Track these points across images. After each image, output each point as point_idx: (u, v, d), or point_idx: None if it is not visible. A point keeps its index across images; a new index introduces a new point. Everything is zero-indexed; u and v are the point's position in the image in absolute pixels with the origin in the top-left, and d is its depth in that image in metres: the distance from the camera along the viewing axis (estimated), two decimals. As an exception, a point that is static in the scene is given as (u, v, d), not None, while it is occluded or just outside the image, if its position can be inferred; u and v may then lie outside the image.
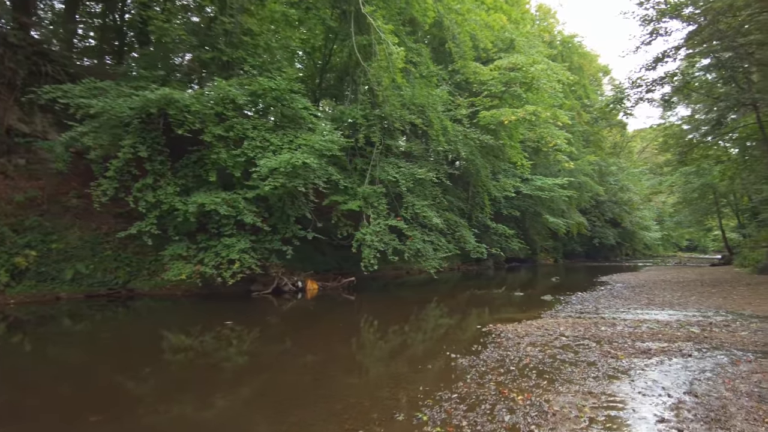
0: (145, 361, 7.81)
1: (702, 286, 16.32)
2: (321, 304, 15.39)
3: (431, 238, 17.86)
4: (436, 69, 17.30)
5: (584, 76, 35.71)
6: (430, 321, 11.85)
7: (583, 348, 7.35)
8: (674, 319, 9.76)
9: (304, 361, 7.70)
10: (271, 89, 14.29)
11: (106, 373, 7.06)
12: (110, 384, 6.55)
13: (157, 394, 6.18)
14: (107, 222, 15.20)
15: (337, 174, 15.37)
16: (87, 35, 21.79)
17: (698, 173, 29.02)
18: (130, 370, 7.24)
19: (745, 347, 7.05)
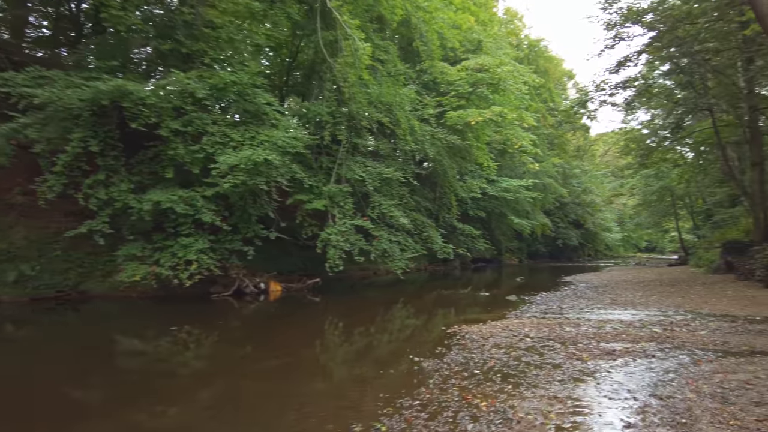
0: (95, 367, 7.31)
1: (661, 285, 16.65)
2: (284, 306, 14.93)
3: (398, 238, 17.59)
4: (404, 67, 17.07)
5: (549, 80, 36.27)
6: (396, 322, 11.58)
7: (548, 349, 7.21)
8: (637, 318, 9.80)
9: (264, 366, 7.33)
10: (232, 83, 13.74)
11: (52, 382, 6.52)
12: (56, 394, 6.04)
13: (107, 404, 5.73)
14: (56, 220, 14.25)
15: (302, 172, 14.93)
16: (41, 24, 20.55)
17: (657, 176, 29.82)
18: (79, 378, 6.75)
19: (706, 346, 7.05)
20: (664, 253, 58.69)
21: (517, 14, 34.99)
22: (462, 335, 8.64)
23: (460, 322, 10.33)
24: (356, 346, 9.02)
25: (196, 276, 13.36)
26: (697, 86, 18.11)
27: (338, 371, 7.19)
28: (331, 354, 8.44)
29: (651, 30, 16.91)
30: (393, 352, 7.98)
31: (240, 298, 15.27)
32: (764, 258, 13.98)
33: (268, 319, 12.84)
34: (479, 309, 13.11)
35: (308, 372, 6.89)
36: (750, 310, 10.47)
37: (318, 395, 5.77)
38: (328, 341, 9.60)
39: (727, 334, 7.76)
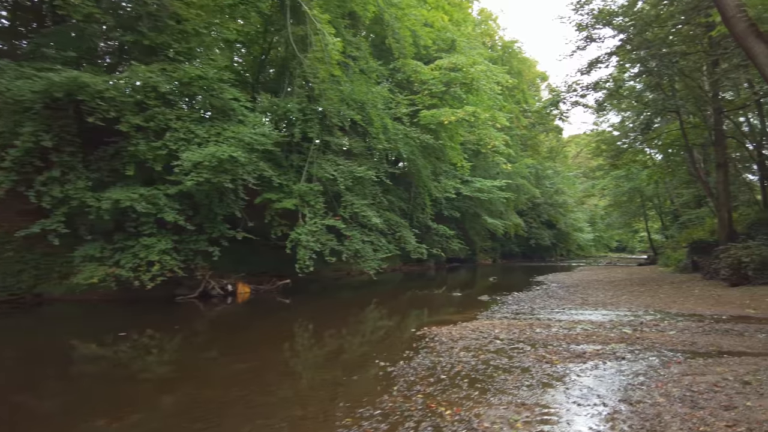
0: (51, 375, 6.88)
1: (631, 285, 16.76)
2: (252, 308, 14.49)
3: (371, 238, 17.32)
4: (376, 65, 16.78)
5: (523, 81, 36.51)
6: (366, 324, 11.27)
7: (518, 352, 7.01)
8: (607, 319, 9.72)
9: (227, 372, 6.99)
10: (198, 78, 13.23)
11: (3, 391, 6.10)
12: (7, 403, 5.63)
13: (64, 413, 5.36)
14: (9, 219, 13.47)
15: (270, 170, 14.51)
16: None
17: (627, 177, 30.29)
18: (33, 386, 6.31)
19: (674, 347, 6.96)
20: (634, 252, 59.94)
21: (492, 15, 35.17)
22: (431, 337, 8.39)
23: (431, 323, 10.09)
24: (324, 350, 8.67)
25: (159, 278, 12.85)
26: (665, 88, 18.34)
27: (302, 377, 6.84)
28: (297, 359, 8.08)
29: (621, 32, 17.03)
30: (360, 357, 7.68)
31: (206, 300, 14.78)
32: (728, 258, 14.17)
33: (234, 322, 12.38)
34: (451, 310, 12.91)
35: (271, 378, 6.53)
36: (716, 309, 10.53)
37: (279, 404, 5.43)
38: (296, 345, 9.23)
39: (695, 334, 7.71)
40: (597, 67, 17.74)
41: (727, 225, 16.65)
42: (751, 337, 7.43)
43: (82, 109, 11.98)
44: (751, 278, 13.47)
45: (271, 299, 15.77)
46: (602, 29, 17.36)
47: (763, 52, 8.91)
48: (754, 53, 9.00)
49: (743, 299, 11.54)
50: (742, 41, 9.23)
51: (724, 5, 9.42)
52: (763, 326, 8.36)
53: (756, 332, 7.83)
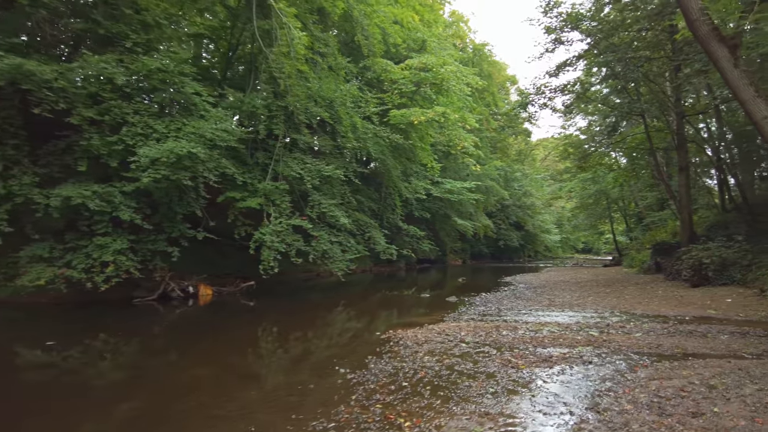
0: None
1: (597, 286, 16.85)
2: (214, 311, 13.90)
3: (339, 238, 16.92)
4: (345, 62, 16.39)
5: (493, 84, 36.71)
6: (331, 328, 10.86)
7: (483, 356, 6.76)
8: (574, 321, 9.60)
9: (186, 378, 6.61)
10: (158, 71, 12.58)
11: None
12: None
13: (4, 424, 4.89)
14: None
15: (233, 168, 13.96)
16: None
17: (594, 180, 30.76)
18: None
19: (641, 350, 6.83)
20: (600, 254, 61.14)
21: (463, 17, 35.22)
22: (396, 341, 8.07)
23: (397, 326, 9.79)
24: (284, 356, 8.24)
25: (114, 279, 12.18)
26: (631, 92, 18.58)
27: (257, 386, 6.40)
28: (254, 365, 7.63)
29: (588, 36, 17.15)
30: (321, 362, 7.28)
31: (166, 302, 14.13)
32: (690, 259, 14.37)
33: (194, 325, 11.80)
34: (419, 311, 12.64)
35: (226, 386, 6.10)
36: (679, 310, 10.57)
37: (229, 417, 5.00)
38: (256, 350, 8.76)
39: (660, 336, 7.62)
40: (565, 70, 17.84)
41: (688, 227, 16.94)
42: (714, 339, 7.38)
43: (29, 100, 11.20)
44: (711, 279, 13.68)
45: (235, 301, 15.21)
46: (570, 33, 17.46)
47: (725, 56, 8.96)
48: (716, 57, 9.04)
49: (704, 300, 11.65)
50: (705, 45, 9.27)
51: (687, 8, 9.45)
52: (725, 327, 8.36)
53: (718, 333, 7.80)
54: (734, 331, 7.98)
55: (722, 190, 20.30)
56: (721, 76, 9.22)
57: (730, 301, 11.18)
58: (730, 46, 8.91)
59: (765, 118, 8.63)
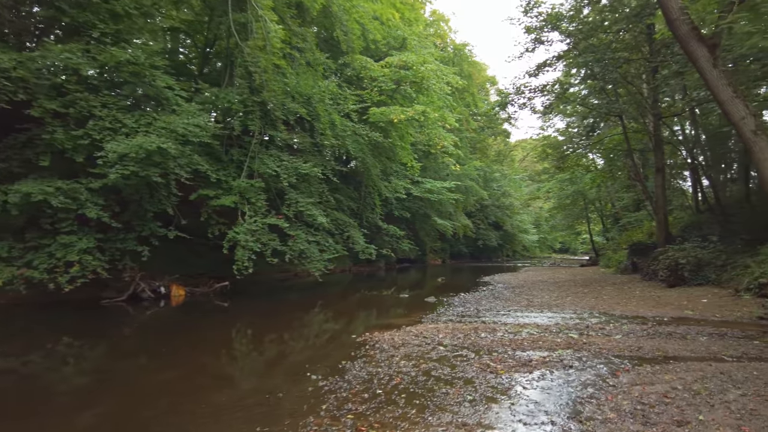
0: None
1: (575, 286, 16.82)
2: (186, 312, 13.41)
3: (317, 238, 16.54)
4: (323, 57, 16.01)
5: (473, 85, 36.66)
6: (306, 330, 10.48)
7: (461, 360, 6.50)
8: (553, 322, 9.43)
9: (155, 382, 6.31)
10: (127, 63, 12.02)
11: None
12: None
13: None
14: None
15: (206, 165, 13.47)
16: None
17: (571, 181, 30.96)
18: None
19: (621, 353, 6.66)
20: (577, 254, 61.86)
21: (444, 17, 35.03)
22: (372, 344, 7.77)
23: (374, 328, 9.49)
24: (254, 361, 7.86)
25: (80, 279, 11.61)
26: (609, 93, 18.63)
27: (225, 393, 6.02)
28: (223, 371, 7.23)
29: (568, 36, 17.12)
30: (292, 368, 6.93)
31: (136, 304, 13.58)
32: (666, 259, 14.42)
33: (163, 328, 11.30)
34: (397, 312, 12.37)
35: (193, 394, 5.73)
36: (657, 310, 10.51)
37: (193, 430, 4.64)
38: (225, 354, 8.34)
39: (640, 339, 7.48)
40: (545, 70, 17.78)
41: (663, 228, 17.05)
42: (694, 341, 7.27)
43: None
44: (687, 279, 13.74)
45: (208, 302, 14.73)
46: (550, 33, 17.40)
47: (704, 55, 8.90)
48: (696, 57, 8.98)
49: (681, 300, 11.64)
50: (685, 44, 9.22)
51: (668, 8, 9.38)
52: (702, 328, 8.29)
53: (697, 335, 7.71)
54: (712, 332, 7.90)
55: (696, 191, 20.55)
56: (700, 76, 9.17)
57: (706, 301, 11.19)
58: (709, 45, 8.86)
59: (743, 119, 8.60)
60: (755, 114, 8.55)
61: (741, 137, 8.74)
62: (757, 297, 10.72)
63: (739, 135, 8.94)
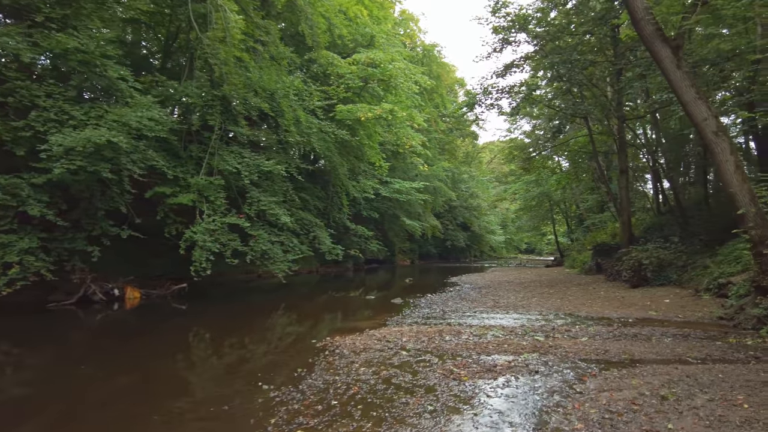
0: None
1: (541, 286, 16.80)
2: (140, 315, 12.72)
3: (281, 238, 15.99)
4: (287, 51, 15.46)
5: (442, 86, 36.63)
6: (264, 335, 9.94)
7: (424, 366, 6.17)
8: (519, 324, 9.23)
9: (101, 392, 5.82)
10: (75, 50, 11.21)
11: None
12: None
13: None
14: None
15: (162, 161, 12.76)
16: None
17: (537, 182, 31.25)
18: None
19: (588, 356, 6.46)
20: (542, 254, 62.83)
21: (413, 17, 34.82)
22: (332, 350, 7.36)
23: (336, 332, 9.09)
24: (204, 369, 7.30)
25: (20, 282, 10.73)
26: (575, 95, 18.75)
27: (165, 408, 5.50)
28: (167, 381, 6.65)
29: (535, 38, 17.12)
30: (243, 377, 6.44)
31: (87, 307, 12.75)
32: (630, 260, 14.53)
33: (114, 333, 10.60)
34: (361, 315, 11.99)
35: (130, 411, 5.18)
36: (622, 311, 10.47)
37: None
38: (173, 362, 7.73)
39: (606, 341, 7.33)
40: (512, 71, 17.72)
41: (627, 229, 17.23)
42: (659, 342, 7.15)
43: None
44: (649, 279, 13.86)
45: (166, 305, 14.02)
46: (518, 34, 17.34)
47: (668, 56, 8.87)
48: (660, 57, 8.95)
49: (644, 300, 11.67)
50: (649, 44, 9.18)
51: (633, 8, 9.33)
52: (666, 329, 8.22)
53: (662, 336, 7.61)
54: (676, 333, 7.82)
55: (657, 193, 20.95)
56: (664, 76, 9.14)
57: (668, 301, 11.24)
58: (673, 47, 8.83)
59: (705, 120, 8.60)
60: (716, 115, 8.57)
61: (702, 138, 8.75)
62: (716, 297, 10.82)
63: (700, 136, 8.96)
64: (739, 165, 8.39)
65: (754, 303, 8.34)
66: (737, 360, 6.07)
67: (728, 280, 10.59)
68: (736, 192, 8.28)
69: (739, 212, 8.25)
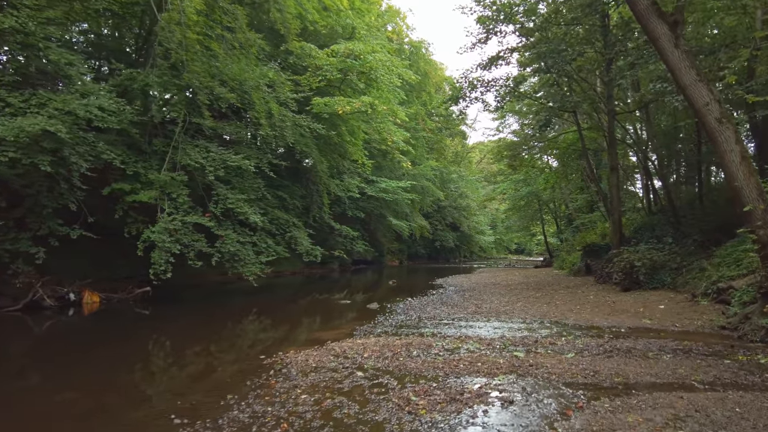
0: None
1: (528, 289, 15.70)
2: (97, 321, 11.63)
3: (253, 239, 14.81)
4: (256, 37, 14.23)
5: (430, 84, 35.49)
6: (214, 347, 8.62)
7: (378, 393, 5.03)
8: (498, 335, 8.09)
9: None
10: (13, 30, 10.00)
11: None
12: None
13: None
14: None
15: (116, 154, 11.55)
16: None
17: (526, 182, 30.23)
18: None
19: (574, 379, 5.34)
20: (532, 255, 61.73)
21: (400, 13, 33.62)
22: (279, 369, 6.20)
23: (293, 345, 7.96)
24: (117, 392, 5.80)
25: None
26: (563, 87, 17.72)
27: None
28: (81, 410, 5.46)
29: (522, 27, 16.07)
30: (157, 404, 5.20)
31: (37, 313, 11.54)
32: (621, 262, 13.46)
33: (61, 341, 9.45)
34: (329, 324, 10.87)
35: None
36: (613, 319, 9.36)
37: None
38: (86, 380, 6.44)
39: (596, 358, 6.19)
40: (498, 63, 16.61)
41: (618, 229, 16.18)
42: (657, 360, 6.03)
43: None
44: (641, 283, 12.79)
45: (128, 310, 12.82)
46: (504, 25, 16.25)
47: (665, 33, 7.75)
48: (656, 35, 7.83)
49: (637, 306, 10.57)
50: (644, 21, 8.05)
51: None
52: (664, 342, 7.12)
53: (660, 351, 6.49)
54: (676, 348, 6.71)
55: (648, 192, 19.95)
56: (660, 57, 8.02)
57: (663, 307, 10.14)
58: (670, 23, 7.71)
59: (707, 105, 7.49)
60: (719, 100, 7.48)
61: (704, 126, 7.65)
62: (715, 303, 9.76)
63: (701, 123, 7.86)
64: (745, 156, 7.31)
65: (761, 312, 7.26)
66: (753, 386, 4.97)
67: (729, 284, 9.53)
68: (741, 186, 7.19)
69: (745, 209, 7.17)
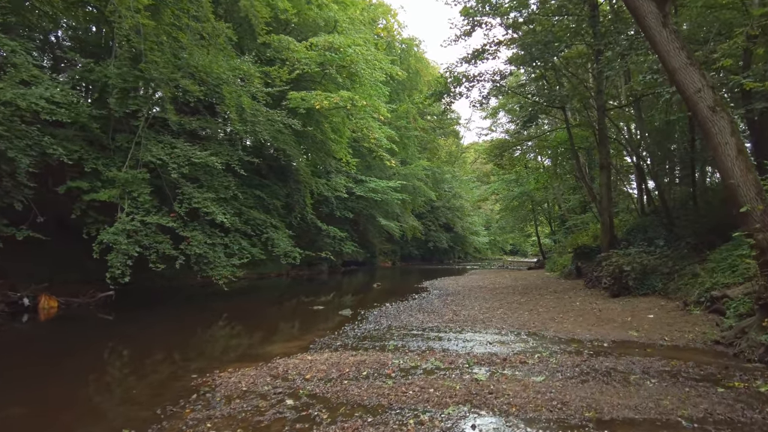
0: None
1: (513, 294, 14.77)
2: (53, 328, 10.76)
3: (224, 240, 13.94)
4: (223, 27, 13.30)
5: (421, 82, 34.54)
6: (152, 361, 7.63)
7: (300, 429, 4.12)
8: (466, 350, 7.15)
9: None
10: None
11: None
12: None
13: None
14: None
15: (67, 149, 10.65)
16: None
17: (517, 182, 29.35)
18: None
19: (537, 413, 4.40)
20: (527, 255, 60.82)
21: (391, 9, 32.64)
22: (203, 393, 5.30)
23: (234, 361, 7.05)
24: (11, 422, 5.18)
25: None
26: (551, 81, 16.83)
27: None
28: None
29: (506, 18, 15.17)
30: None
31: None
32: (610, 266, 12.55)
33: (8, 351, 8.51)
34: (287, 334, 9.94)
35: None
36: (597, 330, 8.42)
37: None
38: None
39: (568, 382, 5.25)
40: (485, 57, 15.70)
41: (608, 230, 15.28)
42: (639, 387, 5.09)
43: None
44: (631, 288, 11.86)
45: (89, 316, 11.92)
46: (490, 18, 15.37)
47: (652, 12, 6.78)
48: (642, 13, 6.87)
49: (624, 315, 9.64)
50: (630, 1, 7.20)
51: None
52: (650, 362, 6.18)
53: (643, 375, 5.55)
54: (662, 369, 5.77)
55: (641, 192, 19.04)
56: (646, 38, 7.09)
57: (653, 317, 9.21)
58: (658, 0, 6.84)
59: (698, 92, 6.52)
60: (713, 86, 6.55)
61: (695, 116, 6.73)
62: (708, 312, 8.84)
63: (693, 113, 6.95)
64: (741, 150, 6.39)
65: (760, 326, 6.33)
66: (752, 424, 4.05)
67: (723, 293, 8.59)
68: (738, 184, 6.28)
69: (741, 210, 6.25)
